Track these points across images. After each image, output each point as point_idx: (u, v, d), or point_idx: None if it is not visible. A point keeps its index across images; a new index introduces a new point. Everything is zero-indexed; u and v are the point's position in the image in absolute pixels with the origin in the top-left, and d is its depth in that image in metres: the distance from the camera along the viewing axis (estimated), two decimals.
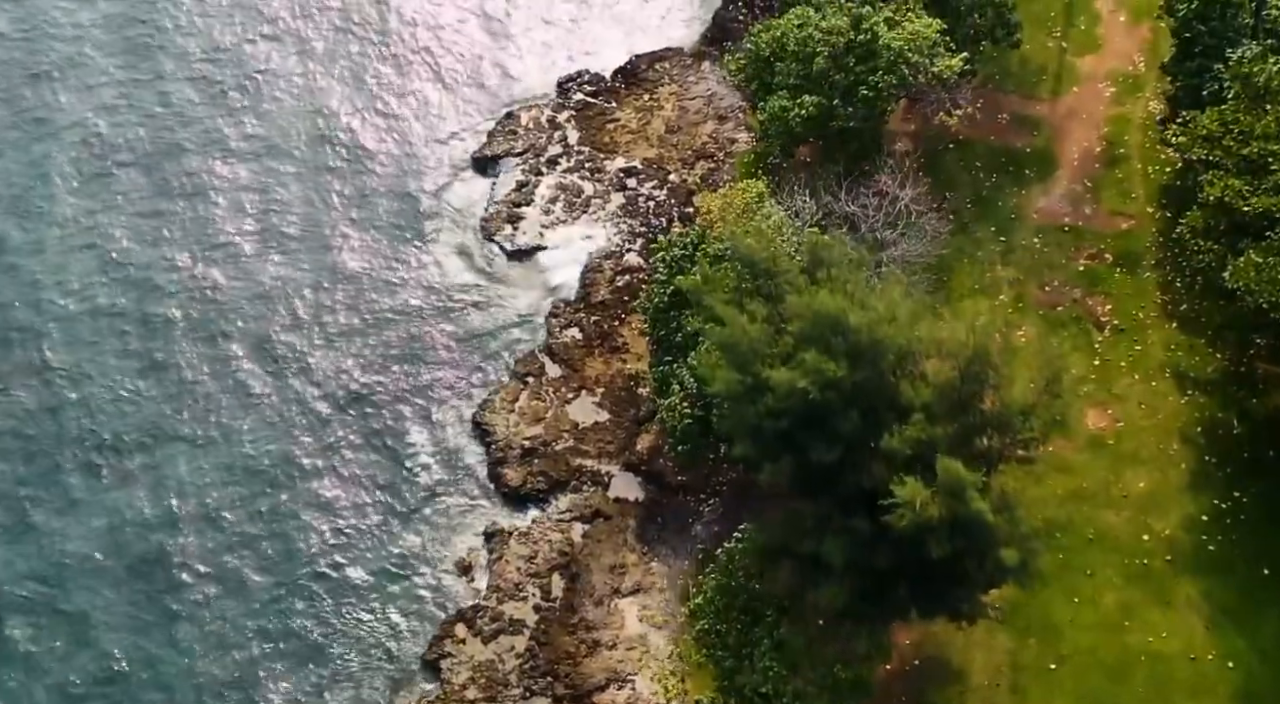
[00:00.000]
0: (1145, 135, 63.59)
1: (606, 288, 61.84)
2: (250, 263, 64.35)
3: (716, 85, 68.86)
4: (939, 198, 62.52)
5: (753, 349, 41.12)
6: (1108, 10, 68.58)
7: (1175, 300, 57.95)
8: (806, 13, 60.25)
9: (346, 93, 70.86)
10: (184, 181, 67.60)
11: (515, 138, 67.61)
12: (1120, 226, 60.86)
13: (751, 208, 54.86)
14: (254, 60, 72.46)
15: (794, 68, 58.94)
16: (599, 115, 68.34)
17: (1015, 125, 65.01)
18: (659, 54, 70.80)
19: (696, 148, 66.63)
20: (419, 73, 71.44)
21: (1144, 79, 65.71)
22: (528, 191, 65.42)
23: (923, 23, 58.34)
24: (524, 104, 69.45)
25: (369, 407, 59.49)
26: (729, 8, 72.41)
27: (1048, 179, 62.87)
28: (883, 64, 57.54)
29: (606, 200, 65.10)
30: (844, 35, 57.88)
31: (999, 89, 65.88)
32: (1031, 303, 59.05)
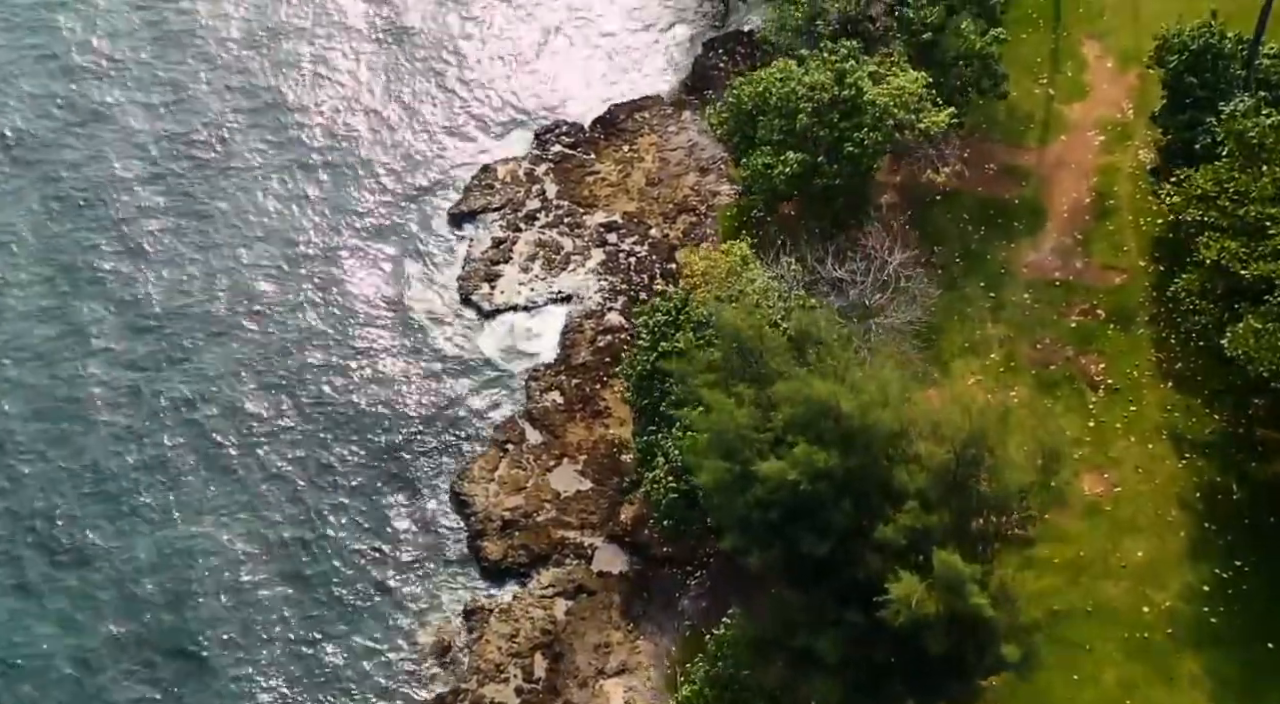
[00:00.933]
0: (1135, 185, 62.30)
1: (588, 349, 60.20)
2: (216, 328, 62.24)
3: (698, 135, 67.40)
4: (927, 252, 61.19)
5: (740, 435, 39.56)
6: (1094, 56, 67.42)
7: (1170, 358, 56.60)
8: (789, 66, 58.88)
9: (314, 148, 68.92)
10: (153, 243, 65.82)
11: (492, 192, 65.95)
12: (1112, 281, 59.48)
13: (736, 271, 53.39)
14: (222, 118, 70.31)
15: (777, 123, 57.51)
16: (578, 167, 66.75)
17: (1003, 176, 63.67)
18: (638, 103, 69.30)
19: (678, 201, 65.10)
20: (392, 127, 69.57)
21: (1133, 127, 64.46)
22: (505, 248, 63.74)
23: (908, 77, 57.01)
24: (501, 157, 67.75)
25: (342, 477, 57.45)
26: (709, 55, 71.10)
27: (1037, 232, 61.53)
28: (868, 120, 56.19)
29: (586, 257, 63.48)
30: (828, 91, 56.51)
31: (986, 138, 64.51)
32: (1023, 362, 57.63)
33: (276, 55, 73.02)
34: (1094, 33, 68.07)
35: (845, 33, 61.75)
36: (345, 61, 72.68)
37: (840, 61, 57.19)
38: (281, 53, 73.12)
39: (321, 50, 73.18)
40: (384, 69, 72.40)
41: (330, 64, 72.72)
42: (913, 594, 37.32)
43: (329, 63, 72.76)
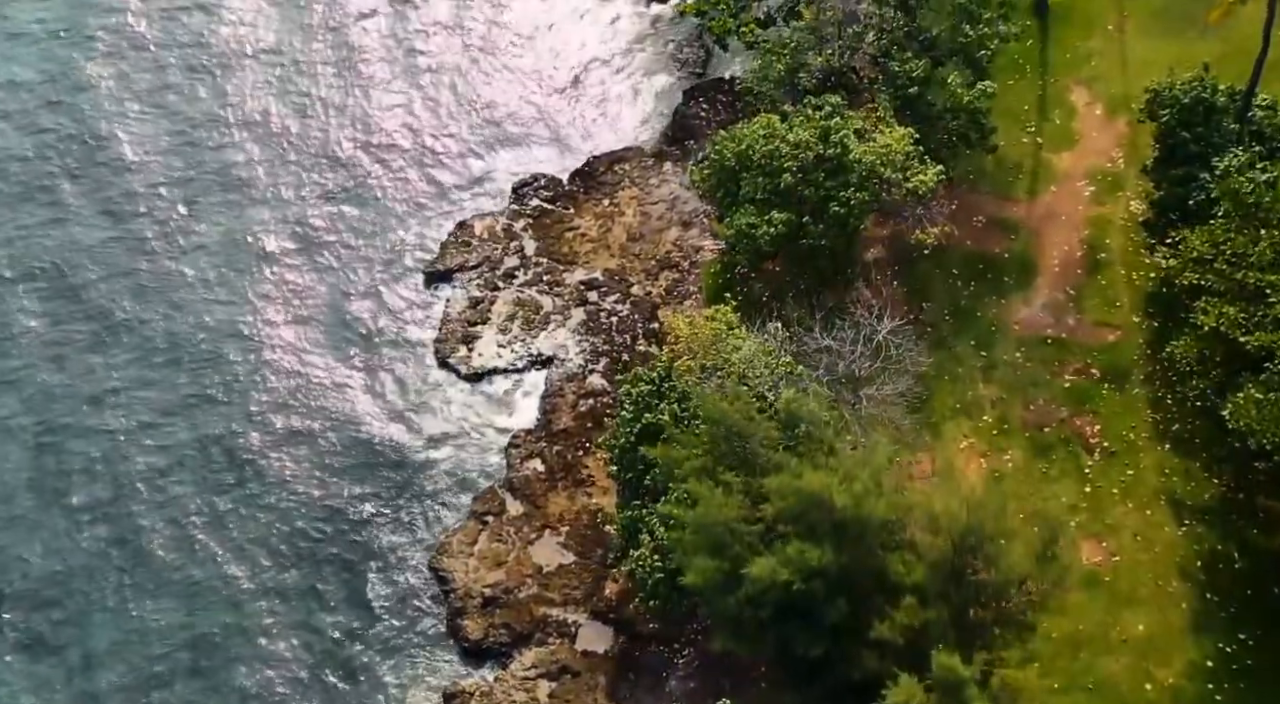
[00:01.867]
0: (1128, 238, 60.92)
1: (569, 414, 58.47)
2: (179, 396, 60.19)
3: (679, 188, 65.75)
4: (915, 309, 59.76)
5: (729, 529, 37.94)
6: (1083, 103, 66.05)
7: (1167, 420, 55.10)
8: (772, 122, 57.36)
9: (281, 204, 66.77)
10: (113, 304, 63.55)
11: (469, 249, 64.22)
12: (1106, 338, 58.04)
13: (721, 338, 51.78)
14: (187, 179, 67.98)
15: (761, 181, 56.02)
16: (557, 223, 65.08)
17: (992, 228, 62.19)
18: (618, 154, 67.62)
19: (660, 257, 63.48)
20: (363, 183, 67.66)
21: (1124, 177, 63.09)
22: (483, 309, 61.98)
23: (895, 135, 55.54)
24: (477, 212, 66.00)
25: (313, 552, 55.50)
26: (690, 103, 69.48)
27: (1028, 287, 60.05)
28: (854, 179, 54.72)
29: (567, 316, 61.76)
30: (812, 149, 55.03)
31: (974, 189, 63.00)
32: (1017, 424, 56.09)
33: (244, 114, 70.94)
34: (1082, 78, 66.76)
35: (829, 85, 60.49)
36: (314, 116, 70.62)
37: (824, 118, 55.79)
38: (247, 110, 71.03)
39: (288, 105, 71.11)
40: (353, 121, 70.39)
41: (298, 117, 70.70)
42: (912, 699, 35.74)
43: (296, 116, 70.68)
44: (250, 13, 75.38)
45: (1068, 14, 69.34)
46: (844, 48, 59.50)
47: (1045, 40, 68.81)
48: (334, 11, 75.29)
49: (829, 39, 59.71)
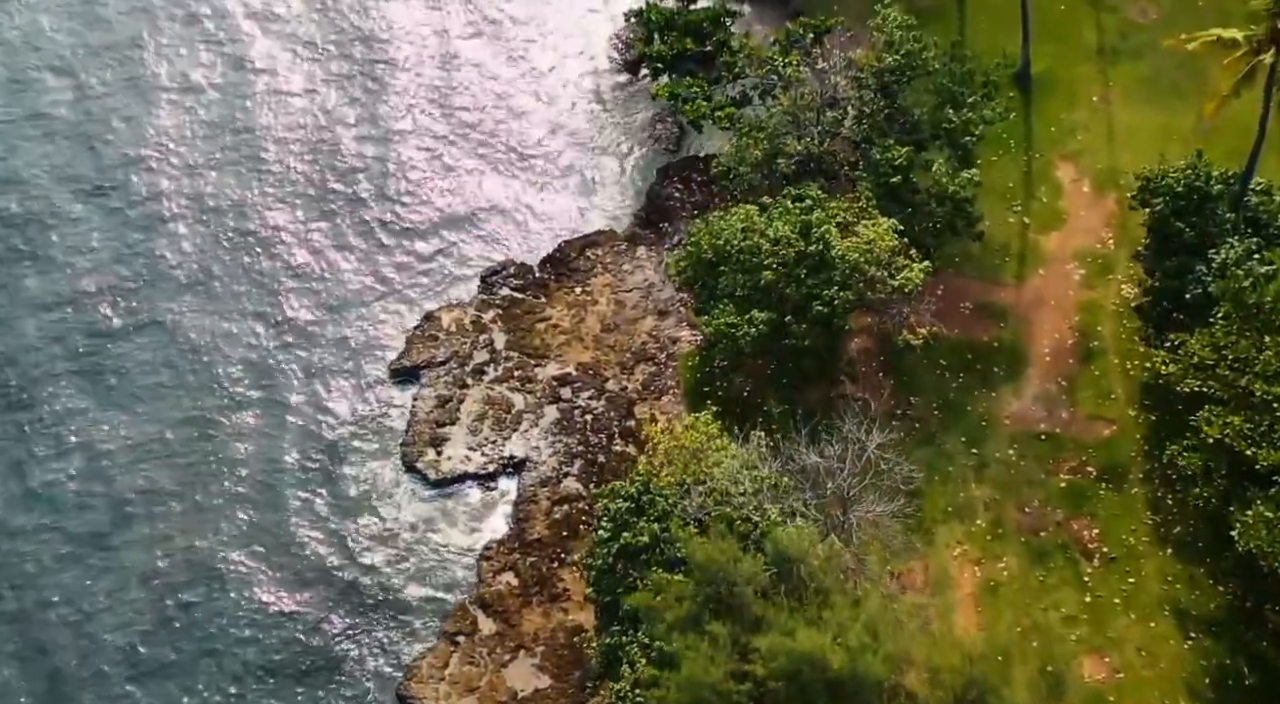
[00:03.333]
0: (1120, 324, 58.73)
1: (543, 522, 55.73)
2: (140, 509, 57.00)
3: (654, 273, 63.22)
4: (903, 402, 57.50)
5: (716, 692, 35.38)
6: (1070, 180, 63.96)
7: (1168, 522, 52.81)
8: (750, 214, 54.99)
9: (240, 295, 63.70)
10: (60, 403, 60.08)
11: (436, 344, 61.44)
12: (1101, 434, 55.78)
13: (703, 452, 49.23)
14: (138, 276, 64.78)
15: (740, 278, 53.66)
16: (528, 313, 62.34)
17: (980, 315, 59.90)
18: (590, 238, 65.01)
19: (635, 349, 60.88)
20: (325, 271, 64.62)
21: (1114, 259, 60.99)
22: (452, 408, 59.20)
23: (879, 229, 53.23)
24: (445, 303, 63.19)
25: (276, 674, 52.32)
26: (664, 183, 66.98)
27: (1019, 378, 57.79)
28: (837, 277, 52.41)
29: (539, 415, 59.02)
30: (793, 245, 52.70)
31: (960, 273, 60.74)
32: (1011, 527, 53.71)
33: (209, 201, 67.80)
34: (1067, 154, 64.71)
35: (808, 170, 58.19)
36: (272, 195, 67.42)
37: (805, 212, 53.47)
38: (204, 199, 67.89)
39: (247, 187, 67.99)
40: (315, 207, 67.32)
41: (257, 197, 67.64)
42: None
43: (255, 197, 67.61)
44: (216, 90, 72.64)
45: (1051, 84, 67.39)
46: (823, 133, 57.24)
47: (1029, 112, 66.84)
48: (301, 83, 72.64)
49: (807, 124, 57.41)
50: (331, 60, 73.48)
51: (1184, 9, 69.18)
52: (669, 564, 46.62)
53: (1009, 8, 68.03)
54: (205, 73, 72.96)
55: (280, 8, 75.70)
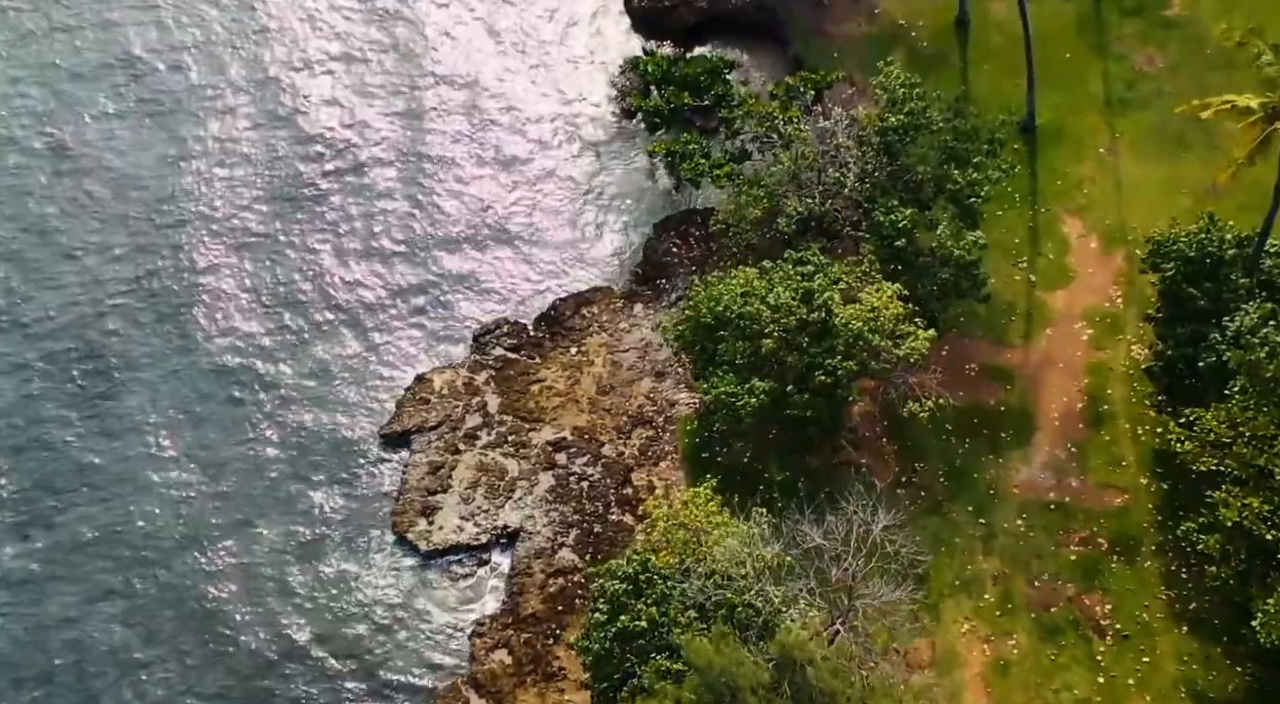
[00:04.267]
0: (1130, 387, 57.14)
1: (537, 596, 54.02)
2: (121, 584, 55.56)
3: (651, 332, 61.54)
4: (907, 470, 55.95)
5: None
6: (1076, 235, 62.35)
7: (1183, 597, 51.21)
8: (750, 278, 53.37)
9: (222, 354, 62.01)
10: (52, 455, 58.76)
11: (428, 407, 59.81)
12: (1112, 503, 54.16)
13: (703, 530, 47.56)
14: (120, 353, 62.73)
15: (740, 346, 52.06)
16: (521, 375, 60.74)
17: (986, 377, 58.32)
18: (585, 296, 63.39)
19: (632, 412, 59.26)
20: (313, 330, 62.87)
21: (1123, 318, 59.40)
22: (444, 475, 57.51)
23: (883, 296, 51.66)
24: (437, 365, 61.52)
25: None
26: (661, 237, 65.29)
27: (1027, 444, 56.18)
28: (840, 346, 50.83)
29: (533, 482, 57.39)
30: (795, 313, 51.13)
31: (965, 334, 59.14)
32: (1021, 602, 52.06)
33: (188, 259, 66.06)
34: (1074, 208, 63.08)
35: (809, 229, 56.61)
36: (258, 251, 65.77)
37: (806, 278, 51.91)
38: (194, 254, 66.22)
39: (235, 240, 66.27)
40: (301, 259, 65.55)
41: (242, 255, 65.77)
42: None
43: (240, 255, 65.78)
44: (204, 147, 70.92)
45: (1057, 135, 65.81)
46: (824, 192, 55.71)
47: (1034, 164, 65.25)
48: (286, 138, 70.60)
49: (808, 183, 55.88)
50: (312, 118, 71.11)
51: (1191, 57, 67.78)
52: (669, 650, 45.07)
53: (1013, 53, 66.64)
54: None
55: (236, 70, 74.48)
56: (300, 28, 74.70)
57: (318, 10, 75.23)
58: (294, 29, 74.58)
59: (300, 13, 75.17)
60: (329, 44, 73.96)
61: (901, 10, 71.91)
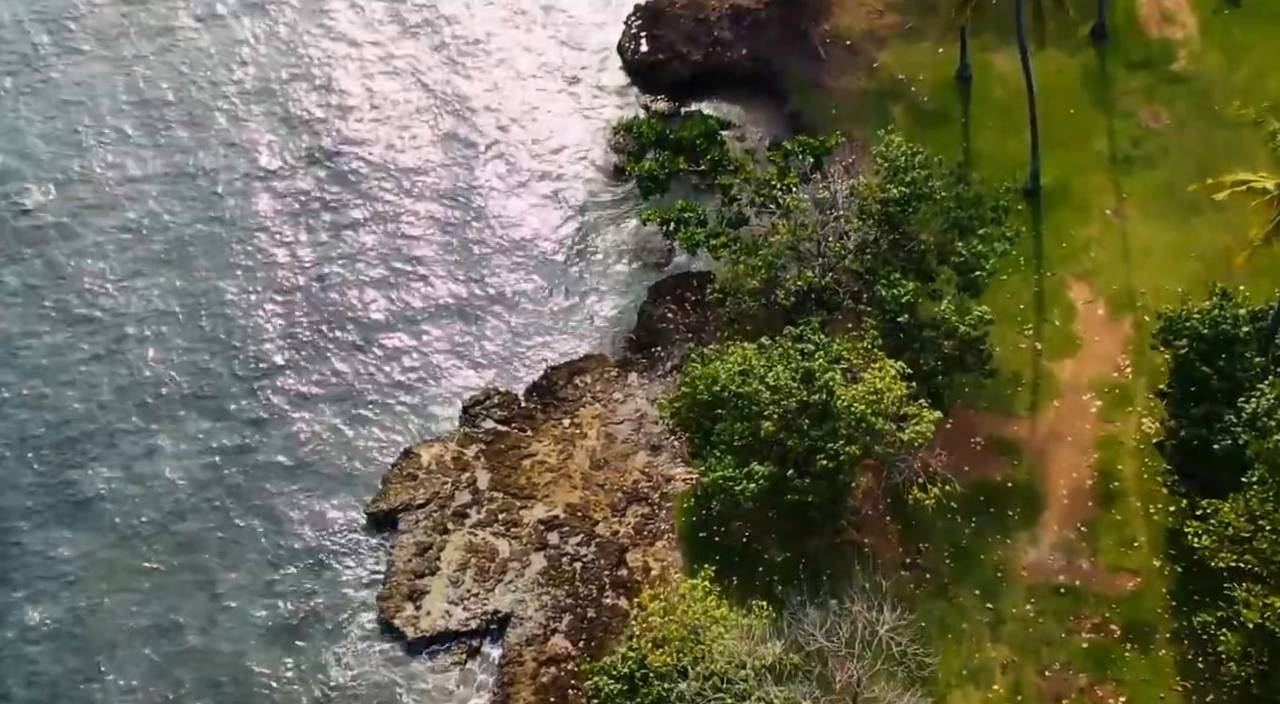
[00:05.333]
0: (1141, 462, 55.25)
1: (529, 686, 51.84)
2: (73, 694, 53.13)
3: (646, 403, 59.55)
4: (911, 550, 54.14)
5: None
6: (1083, 301, 60.57)
7: (1200, 688, 49.13)
8: (748, 356, 51.56)
9: (204, 431, 59.72)
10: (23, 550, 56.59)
11: (415, 484, 57.79)
12: (1125, 587, 52.26)
13: (700, 626, 45.68)
14: (103, 424, 60.41)
15: (738, 427, 50.26)
16: (512, 449, 58.68)
17: (991, 451, 56.46)
18: (578, 364, 61.33)
19: (627, 488, 57.31)
20: (295, 403, 60.63)
21: (1132, 389, 57.58)
22: (432, 557, 55.43)
23: (886, 377, 49.82)
24: (425, 438, 59.41)
25: None
26: (656, 302, 63.26)
27: (1035, 523, 54.28)
28: (843, 429, 49.03)
29: (525, 563, 55.30)
30: (795, 395, 49.34)
31: (969, 405, 57.23)
32: (1031, 694, 50.00)
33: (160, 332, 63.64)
34: (1080, 272, 61.34)
35: (809, 301, 54.77)
36: (243, 322, 63.45)
37: (805, 359, 50.09)
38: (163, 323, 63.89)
39: (215, 314, 63.89)
40: (284, 325, 63.17)
41: (222, 327, 63.40)
42: None
43: (220, 326, 63.43)
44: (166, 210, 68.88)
45: (1062, 196, 64.15)
46: (824, 265, 53.97)
47: (1039, 226, 63.62)
48: (268, 206, 68.50)
49: (807, 254, 54.15)
50: (300, 178, 69.00)
51: (1197, 114, 66.19)
52: None
53: (1016, 109, 64.98)
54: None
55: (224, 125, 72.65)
56: (281, 90, 73.11)
57: (298, 75, 73.44)
58: (274, 92, 72.81)
59: (279, 85, 73.18)
60: (310, 105, 72.16)
61: (901, 64, 70.48)
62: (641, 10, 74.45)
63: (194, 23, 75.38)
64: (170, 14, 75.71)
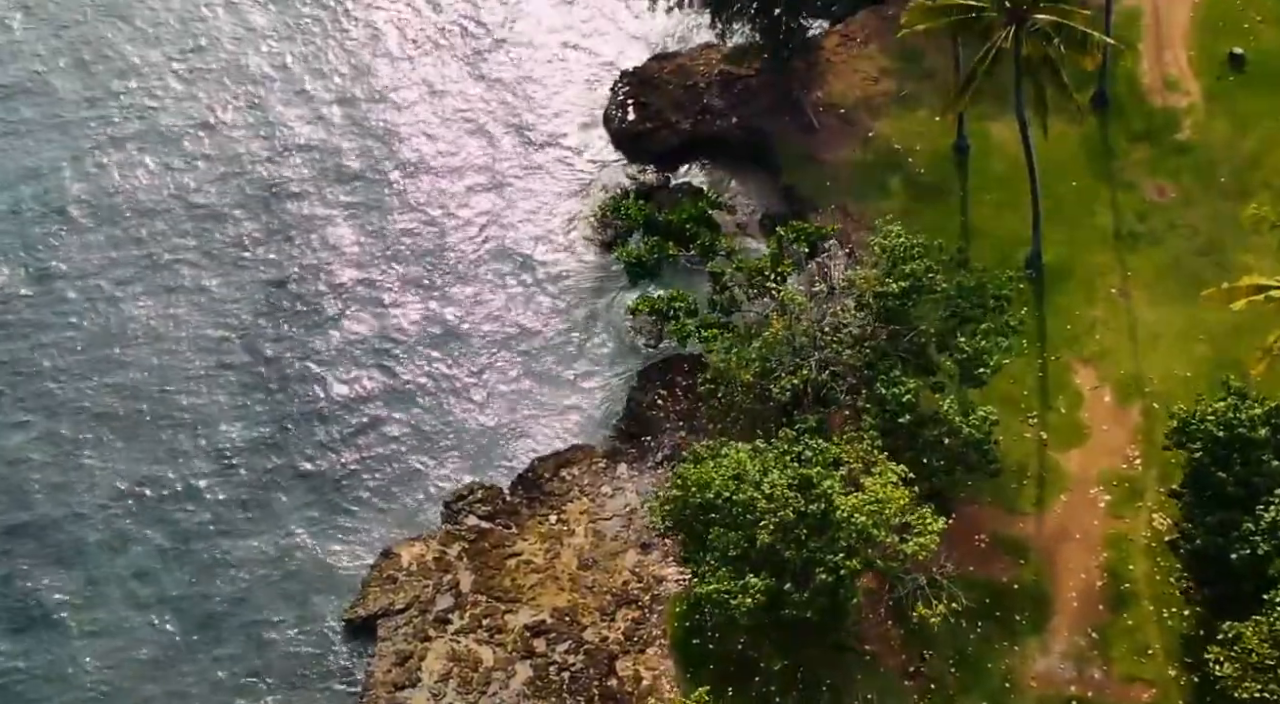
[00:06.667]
0: (1153, 562, 52.84)
1: None
2: None
3: (636, 497, 57.02)
4: (914, 657, 51.58)
5: None
6: (1090, 387, 58.26)
7: None
8: (742, 460, 49.16)
9: (175, 543, 56.93)
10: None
11: (395, 588, 55.10)
12: (1140, 699, 49.56)
13: None
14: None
15: (732, 537, 47.89)
16: (496, 548, 56.09)
17: (997, 551, 53.98)
18: (565, 456, 58.78)
19: (616, 590, 54.74)
20: (266, 495, 57.94)
21: (1143, 482, 55.20)
22: (412, 667, 52.65)
23: (887, 484, 47.50)
24: (405, 536, 56.65)
25: None
26: (645, 387, 60.81)
27: (1044, 628, 51.78)
28: (843, 540, 46.70)
29: (510, 673, 52.50)
30: (792, 504, 47.01)
31: (973, 500, 54.71)
32: None
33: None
34: (1086, 356, 59.01)
35: (804, 397, 52.47)
36: (213, 412, 60.76)
37: (805, 466, 47.75)
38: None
39: (186, 407, 61.36)
40: (256, 422, 60.47)
41: (197, 420, 60.85)
42: None
43: (193, 417, 60.92)
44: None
45: (1065, 274, 61.84)
46: (820, 362, 51.70)
47: (1042, 307, 61.40)
48: (239, 297, 65.41)
49: (804, 351, 51.86)
50: (267, 262, 66.54)
51: (1203, 187, 64.01)
52: None
53: (1016, 181, 62.72)
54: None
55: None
56: (264, 152, 71.08)
57: (273, 148, 71.22)
58: (246, 155, 70.84)
59: (258, 142, 71.37)
60: (284, 181, 69.84)
61: (897, 133, 68.30)
62: (629, 77, 72.41)
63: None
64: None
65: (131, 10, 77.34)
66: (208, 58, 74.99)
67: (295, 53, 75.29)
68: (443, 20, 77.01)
